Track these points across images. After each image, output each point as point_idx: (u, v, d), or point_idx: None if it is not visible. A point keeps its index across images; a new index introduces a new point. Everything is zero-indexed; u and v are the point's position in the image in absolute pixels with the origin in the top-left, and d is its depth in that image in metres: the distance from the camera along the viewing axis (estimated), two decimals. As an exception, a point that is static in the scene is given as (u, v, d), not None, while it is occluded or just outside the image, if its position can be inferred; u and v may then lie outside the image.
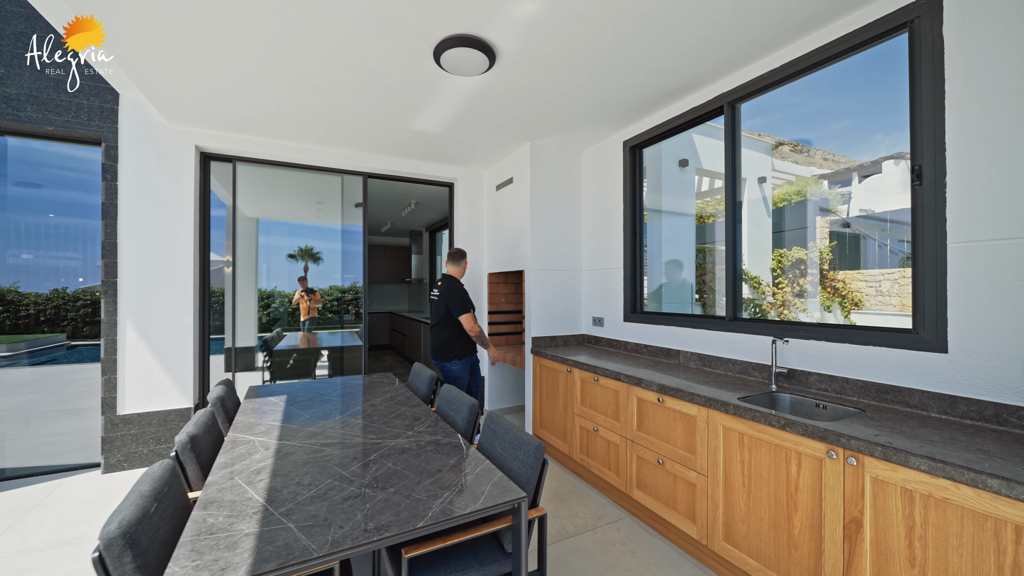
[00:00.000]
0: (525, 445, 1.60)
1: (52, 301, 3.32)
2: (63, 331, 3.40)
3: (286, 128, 3.34)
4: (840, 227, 5.51)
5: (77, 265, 3.38)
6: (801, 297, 5.11)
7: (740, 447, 1.89)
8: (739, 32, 2.10)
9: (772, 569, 1.75)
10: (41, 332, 3.34)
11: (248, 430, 1.98)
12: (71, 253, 3.34)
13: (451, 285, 3.27)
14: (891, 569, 1.40)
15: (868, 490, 1.45)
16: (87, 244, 3.36)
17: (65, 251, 3.32)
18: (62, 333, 3.41)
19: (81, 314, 3.43)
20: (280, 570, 1.02)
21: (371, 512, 1.26)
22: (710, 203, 4.67)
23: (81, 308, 3.43)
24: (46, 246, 3.25)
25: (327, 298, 4.62)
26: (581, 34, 2.10)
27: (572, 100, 2.85)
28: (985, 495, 1.19)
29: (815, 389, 2.10)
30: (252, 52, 2.26)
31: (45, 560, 2.14)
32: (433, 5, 1.88)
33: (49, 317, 3.35)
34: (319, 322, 4.61)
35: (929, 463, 1.29)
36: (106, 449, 3.10)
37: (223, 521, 1.21)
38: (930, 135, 1.71)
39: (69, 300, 3.37)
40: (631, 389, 2.51)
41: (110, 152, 3.08)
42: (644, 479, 2.43)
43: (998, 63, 1.55)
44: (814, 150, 5.61)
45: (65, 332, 3.41)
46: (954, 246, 1.66)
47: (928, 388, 1.73)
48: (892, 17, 1.83)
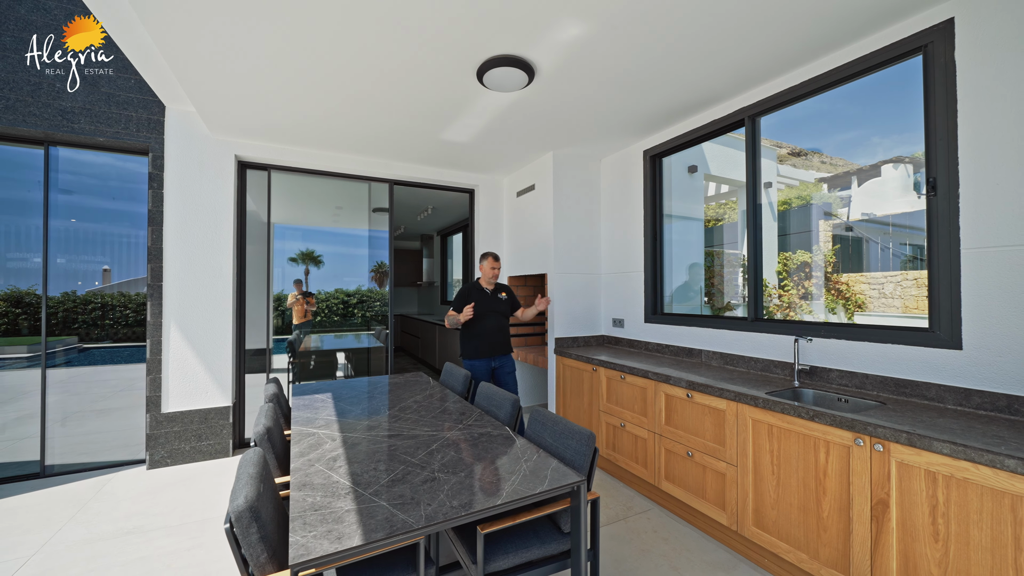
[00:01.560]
0: (577, 434, 1.75)
1: (63, 304, 3.30)
2: (75, 334, 3.39)
3: (321, 137, 3.49)
4: (843, 231, 5.67)
5: (92, 269, 3.37)
6: (806, 299, 5.27)
7: (769, 438, 2.03)
8: (763, 51, 2.26)
9: (802, 550, 1.90)
10: (52, 335, 3.28)
11: (308, 424, 2.12)
12: (86, 257, 3.34)
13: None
14: (916, 545, 1.54)
15: (894, 473, 1.59)
16: (106, 248, 3.39)
17: (80, 255, 3.32)
18: (74, 336, 3.39)
19: (92, 317, 3.42)
20: (388, 539, 1.16)
21: (451, 492, 1.40)
22: (718, 207, 4.82)
23: (92, 311, 3.41)
24: (64, 250, 3.26)
25: (332, 301, 4.62)
26: (615, 54, 2.26)
27: (598, 113, 3.01)
28: (1003, 474, 1.33)
29: (836, 384, 2.25)
30: (301, 66, 2.40)
31: (112, 548, 2.27)
32: (484, 28, 2.04)
33: (60, 320, 3.30)
34: (325, 325, 4.56)
35: (951, 447, 1.44)
36: (151, 446, 3.23)
37: (321, 500, 1.35)
38: (944, 150, 1.87)
39: (80, 303, 3.38)
40: (659, 386, 2.65)
41: (156, 162, 3.23)
42: (673, 471, 2.57)
43: (1007, 86, 1.71)
44: (812, 154, 5.78)
45: (77, 335, 3.39)
46: (967, 251, 1.81)
47: (944, 382, 1.88)
48: (908, 41, 1.99)
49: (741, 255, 4.43)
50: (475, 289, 3.38)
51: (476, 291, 3.37)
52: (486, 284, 3.39)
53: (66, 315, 3.34)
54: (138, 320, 3.54)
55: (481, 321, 3.30)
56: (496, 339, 3.34)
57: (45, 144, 3.12)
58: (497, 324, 3.35)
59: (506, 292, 3.50)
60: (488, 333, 3.30)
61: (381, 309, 4.69)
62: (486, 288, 3.39)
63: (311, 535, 1.16)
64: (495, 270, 3.38)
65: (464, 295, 3.35)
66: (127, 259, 3.49)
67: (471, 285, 3.41)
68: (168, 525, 2.48)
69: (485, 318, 3.30)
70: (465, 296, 3.34)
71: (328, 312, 4.64)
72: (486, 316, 3.30)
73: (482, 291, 3.37)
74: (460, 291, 3.39)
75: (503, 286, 3.51)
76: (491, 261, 3.38)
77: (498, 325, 3.36)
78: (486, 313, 3.30)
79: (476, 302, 3.27)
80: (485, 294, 3.36)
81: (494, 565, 1.49)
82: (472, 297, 3.32)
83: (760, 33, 2.10)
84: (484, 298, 3.33)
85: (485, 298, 3.33)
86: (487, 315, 3.31)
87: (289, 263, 4.31)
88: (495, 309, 3.35)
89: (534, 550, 1.57)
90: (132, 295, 3.54)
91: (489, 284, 3.40)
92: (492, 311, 3.33)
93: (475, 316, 3.26)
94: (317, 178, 4.01)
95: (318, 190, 4.21)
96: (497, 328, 3.35)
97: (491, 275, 3.36)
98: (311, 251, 4.49)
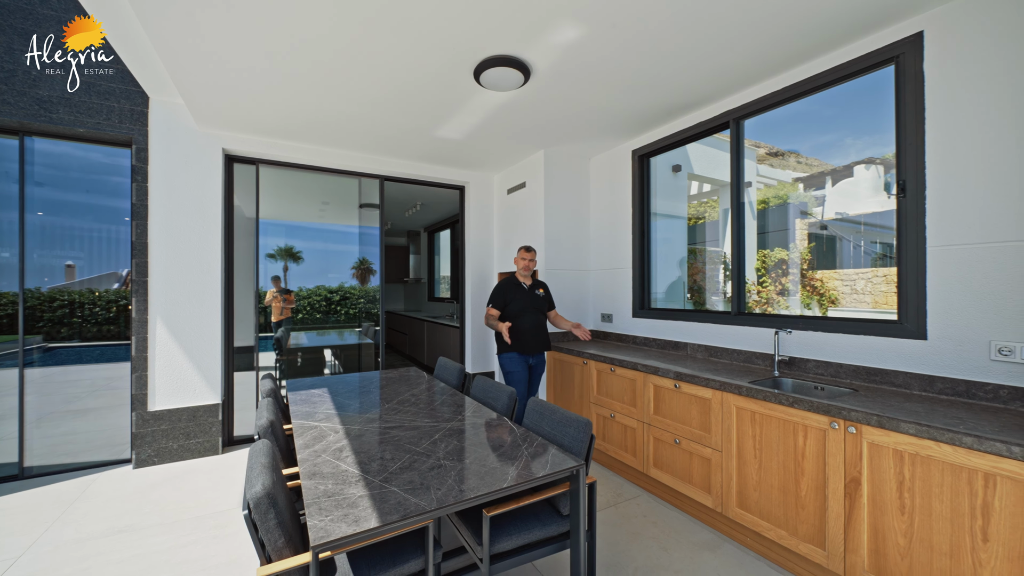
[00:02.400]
0: (575, 422, 1.83)
1: (26, 301, 3.09)
2: (39, 332, 3.18)
3: (312, 132, 3.47)
4: (818, 229, 5.93)
5: (56, 265, 3.19)
6: (783, 295, 5.50)
7: (752, 424, 2.16)
8: (749, 57, 2.37)
9: (782, 527, 2.03)
10: (13, 334, 3.06)
11: (308, 418, 2.14)
12: (51, 252, 3.17)
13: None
14: (885, 518, 1.68)
15: (865, 453, 1.73)
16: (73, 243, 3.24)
17: (45, 250, 3.15)
18: (38, 335, 3.19)
19: (58, 315, 3.23)
20: (403, 520, 1.22)
21: (458, 477, 1.46)
22: (700, 206, 4.98)
23: (58, 309, 3.24)
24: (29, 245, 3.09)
25: (315, 298, 4.52)
26: (609, 56, 2.33)
27: (590, 112, 3.08)
28: (961, 450, 1.48)
29: (813, 373, 2.40)
30: (297, 61, 2.40)
31: (104, 547, 2.24)
32: (483, 28, 2.08)
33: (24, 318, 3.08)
34: (307, 323, 4.47)
35: (916, 427, 1.57)
36: (137, 444, 3.18)
37: (333, 488, 1.39)
38: (912, 154, 2.02)
39: (44, 300, 3.17)
40: (648, 377, 2.76)
41: (140, 154, 3.15)
42: (661, 458, 2.69)
43: (971, 97, 1.86)
44: (789, 154, 6.02)
45: (42, 334, 3.20)
46: (932, 249, 1.96)
47: (911, 370, 2.04)
48: (881, 52, 2.13)
49: (722, 252, 4.60)
50: (512, 285, 3.25)
51: (513, 287, 3.25)
52: (523, 279, 3.28)
53: (30, 312, 3.14)
54: (108, 318, 3.40)
55: (518, 318, 3.16)
56: (535, 336, 3.19)
57: (20, 134, 3.01)
58: (535, 321, 3.20)
59: (544, 289, 3.36)
60: (525, 330, 3.15)
61: (365, 306, 4.66)
62: (523, 283, 3.27)
63: (328, 519, 1.20)
64: (525, 261, 3.23)
65: (501, 291, 3.22)
66: (96, 255, 3.34)
67: (508, 280, 3.28)
68: (162, 523, 2.46)
69: (523, 315, 3.16)
70: (502, 292, 3.22)
71: (310, 310, 4.54)
72: (524, 313, 3.17)
73: (519, 286, 3.25)
74: (497, 286, 3.26)
75: (540, 282, 3.39)
76: (522, 252, 3.25)
77: (536, 322, 3.21)
78: (523, 309, 3.18)
79: (514, 298, 3.18)
80: (522, 289, 3.24)
81: (499, 546, 1.56)
82: (510, 293, 3.21)
83: (746, 40, 2.20)
84: (522, 294, 3.22)
85: (523, 294, 3.22)
86: (525, 312, 3.18)
87: (267, 259, 4.10)
88: (533, 305, 3.23)
89: (535, 532, 1.65)
90: (101, 292, 3.39)
91: (526, 279, 3.29)
92: (531, 307, 3.20)
93: (512, 313, 3.16)
94: (303, 173, 3.97)
95: (303, 185, 4.16)
96: (535, 325, 3.19)
97: (524, 268, 3.23)
98: (290, 247, 4.38)
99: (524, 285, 3.26)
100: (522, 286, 3.25)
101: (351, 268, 4.65)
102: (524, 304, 3.18)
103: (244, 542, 2.26)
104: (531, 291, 3.25)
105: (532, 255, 3.24)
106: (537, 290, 3.30)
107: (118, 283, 3.45)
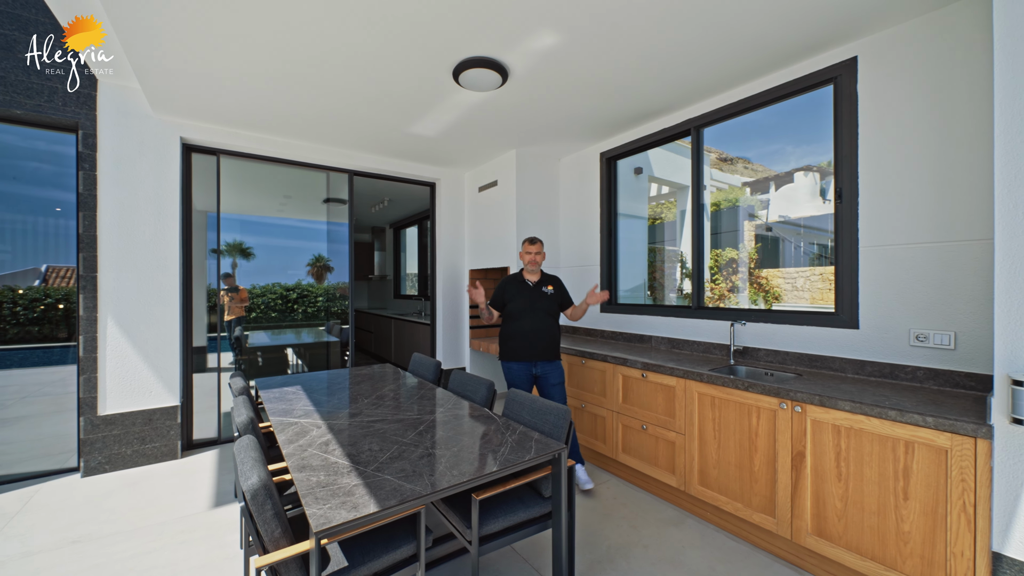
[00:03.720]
0: (554, 410, 1.93)
1: None
2: None
3: (279, 123, 3.36)
4: (763, 231, 6.43)
5: None
6: (733, 292, 5.92)
7: (712, 408, 2.36)
8: (709, 71, 2.57)
9: (738, 500, 2.24)
10: None
11: (287, 415, 2.11)
12: None
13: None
14: (825, 485, 1.91)
15: (809, 429, 1.95)
16: None
17: None
18: None
19: None
20: (401, 504, 1.26)
21: (448, 464, 1.53)
22: (658, 207, 5.26)
23: None
24: None
25: (270, 296, 4.30)
26: (582, 64, 2.45)
27: (562, 115, 3.20)
28: (887, 423, 1.71)
29: (764, 361, 2.65)
30: (266, 48, 2.32)
31: (59, 558, 2.10)
32: (465, 29, 2.13)
33: None
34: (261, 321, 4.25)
35: (851, 404, 1.80)
36: (86, 451, 2.97)
37: (326, 479, 1.41)
38: (848, 166, 2.28)
39: None
40: (617, 368, 2.92)
41: (88, 140, 2.94)
42: (629, 444, 2.86)
43: (897, 115, 2.13)
44: (738, 160, 6.47)
45: None
46: (864, 249, 2.23)
47: (846, 356, 2.31)
48: (822, 72, 2.38)
49: (679, 251, 4.89)
50: (514, 281, 2.89)
51: (515, 283, 2.88)
52: (528, 275, 2.91)
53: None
54: (32, 319, 3.14)
55: (517, 320, 2.81)
56: (536, 341, 2.77)
57: (-57, 114, 2.72)
58: (538, 323, 2.79)
59: (554, 285, 2.92)
60: (524, 333, 2.77)
61: (325, 304, 4.53)
62: (528, 280, 2.90)
63: (327, 507, 1.23)
64: (530, 255, 2.85)
65: (500, 288, 2.89)
66: (13, 249, 3.05)
67: (511, 277, 2.94)
68: (121, 531, 2.33)
69: (521, 315, 2.80)
70: (501, 289, 2.88)
71: (265, 308, 4.32)
72: (524, 314, 2.80)
73: (522, 283, 2.88)
74: (499, 283, 2.95)
75: (551, 277, 2.96)
76: (525, 246, 2.88)
77: (539, 324, 2.79)
78: (523, 309, 2.80)
79: (514, 296, 2.83)
80: (526, 286, 2.86)
81: (486, 528, 1.64)
82: (509, 290, 2.85)
83: (705, 56, 2.39)
84: (524, 291, 2.84)
85: (525, 291, 2.84)
86: (524, 312, 2.80)
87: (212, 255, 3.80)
88: (537, 305, 2.81)
89: (520, 514, 1.74)
90: (22, 290, 3.11)
91: (532, 275, 2.91)
92: (532, 308, 2.80)
93: (510, 313, 2.84)
94: (262, 165, 3.81)
95: (263, 177, 3.97)
96: (537, 328, 2.78)
97: (529, 262, 2.86)
98: (240, 243, 4.14)
99: (529, 282, 2.88)
100: (526, 283, 2.87)
101: (307, 265, 4.48)
102: (525, 304, 2.81)
103: (215, 546, 2.20)
104: (536, 289, 2.86)
105: (537, 247, 2.86)
106: (545, 287, 2.89)
107: (39, 280, 3.19)
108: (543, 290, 2.88)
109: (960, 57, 1.94)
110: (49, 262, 3.21)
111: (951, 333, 1.96)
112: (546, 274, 2.98)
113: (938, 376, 2.00)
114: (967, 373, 1.92)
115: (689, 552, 2.17)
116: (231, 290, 4.05)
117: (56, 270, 3.25)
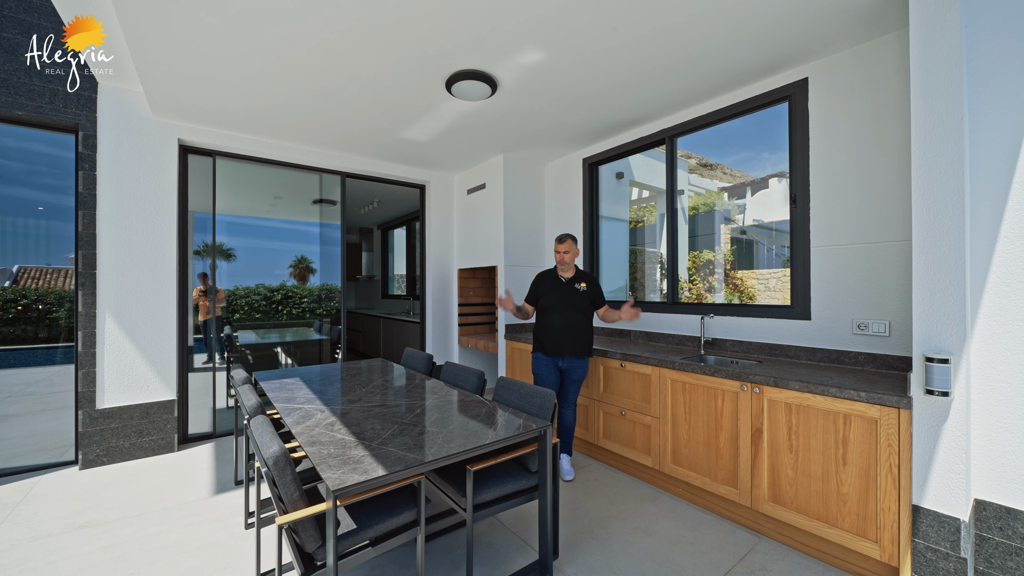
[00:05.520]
0: (541, 394, 2.13)
1: None
2: None
3: (276, 127, 3.49)
4: (739, 234, 6.78)
5: None
6: (711, 292, 6.24)
7: (683, 393, 2.60)
8: (681, 86, 2.81)
9: (706, 475, 2.48)
10: None
11: (290, 402, 2.26)
12: None
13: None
14: (779, 456, 2.15)
15: (766, 408, 2.20)
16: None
17: None
18: None
19: None
20: (406, 470, 1.44)
21: (446, 439, 1.71)
22: (639, 210, 5.52)
23: None
24: None
25: (253, 297, 4.24)
26: (567, 77, 2.67)
27: (547, 123, 3.42)
28: (829, 399, 1.96)
29: (730, 351, 2.90)
30: (268, 56, 2.45)
31: (68, 542, 2.20)
32: (456, 46, 2.32)
33: None
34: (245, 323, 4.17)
35: (800, 384, 2.05)
36: (84, 444, 3.04)
37: (336, 451, 1.58)
38: (801, 174, 2.55)
39: None
40: (599, 360, 3.14)
41: (88, 141, 3.02)
42: (609, 429, 3.08)
43: (842, 130, 2.40)
44: (716, 166, 6.81)
45: None
46: (815, 249, 2.50)
47: (799, 344, 2.57)
48: (778, 91, 2.66)
49: (659, 253, 5.16)
50: (548, 276, 2.99)
51: (548, 278, 2.98)
52: (562, 272, 2.97)
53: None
54: (22, 317, 3.18)
55: (547, 314, 2.91)
56: (563, 336, 2.83)
57: (-58, 114, 2.78)
58: (568, 319, 2.85)
59: (587, 283, 2.95)
60: (555, 328, 2.85)
61: (310, 305, 4.53)
62: (562, 276, 2.96)
63: (340, 472, 1.40)
64: (560, 254, 2.90)
65: (535, 282, 3.02)
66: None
67: (545, 272, 3.04)
68: (127, 516, 2.44)
69: (553, 311, 2.88)
70: (536, 284, 3.01)
71: (248, 309, 4.25)
72: (555, 309, 2.88)
73: (554, 279, 2.96)
74: (535, 277, 3.06)
75: (585, 274, 2.98)
76: (555, 245, 2.95)
77: (569, 320, 2.84)
78: (554, 305, 2.89)
79: (547, 291, 2.93)
80: (558, 282, 2.94)
81: (480, 498, 1.82)
82: (543, 285, 2.97)
83: (678, 74, 2.64)
84: (556, 287, 2.92)
85: (557, 287, 2.92)
86: (554, 307, 2.88)
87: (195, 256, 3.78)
88: (569, 302, 2.87)
89: (509, 485, 1.93)
90: (6, 289, 3.14)
91: (565, 271, 2.97)
92: (564, 304, 2.87)
93: (543, 308, 2.94)
94: (253, 165, 3.89)
95: (252, 178, 4.01)
96: (566, 323, 2.84)
97: (559, 261, 2.92)
98: (220, 244, 4.01)
99: (562, 278, 2.95)
100: (559, 279, 2.95)
101: (288, 267, 4.42)
102: (556, 299, 2.89)
103: (221, 527, 2.33)
104: (569, 285, 2.92)
105: (567, 245, 2.88)
106: (578, 284, 2.93)
107: (8, 281, 3.23)
108: (576, 287, 2.92)
109: (889, 81, 2.23)
110: (19, 262, 3.20)
111: (886, 322, 2.24)
112: (581, 271, 3.00)
113: (876, 360, 2.27)
114: (899, 356, 2.19)
115: (662, 522, 2.39)
116: (208, 290, 3.95)
117: (27, 270, 3.26)
